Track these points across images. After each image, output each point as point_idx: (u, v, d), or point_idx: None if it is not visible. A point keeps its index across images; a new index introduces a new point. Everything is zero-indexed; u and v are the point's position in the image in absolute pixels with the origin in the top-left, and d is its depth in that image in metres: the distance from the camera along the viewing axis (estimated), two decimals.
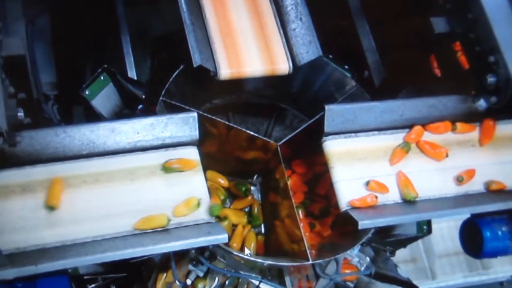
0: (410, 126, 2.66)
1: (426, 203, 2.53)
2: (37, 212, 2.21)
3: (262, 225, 3.22)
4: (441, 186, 2.59)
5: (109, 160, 2.38)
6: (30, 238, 2.14)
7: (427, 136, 2.67)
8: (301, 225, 2.67)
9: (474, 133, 2.72)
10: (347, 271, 3.02)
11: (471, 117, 2.71)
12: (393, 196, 2.53)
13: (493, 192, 2.59)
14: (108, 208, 2.27)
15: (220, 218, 2.94)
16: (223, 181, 3.18)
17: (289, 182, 2.90)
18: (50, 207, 2.20)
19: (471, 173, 2.60)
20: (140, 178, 2.37)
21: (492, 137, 2.70)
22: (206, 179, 2.44)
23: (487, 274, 5.66)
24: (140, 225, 2.25)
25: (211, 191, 2.44)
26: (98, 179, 2.33)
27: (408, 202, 2.51)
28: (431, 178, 2.60)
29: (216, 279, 2.85)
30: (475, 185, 2.60)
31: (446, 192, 2.57)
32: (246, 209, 3.24)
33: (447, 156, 2.62)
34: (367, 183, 2.50)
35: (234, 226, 3.14)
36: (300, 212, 3.13)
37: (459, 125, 2.68)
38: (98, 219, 2.24)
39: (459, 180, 2.57)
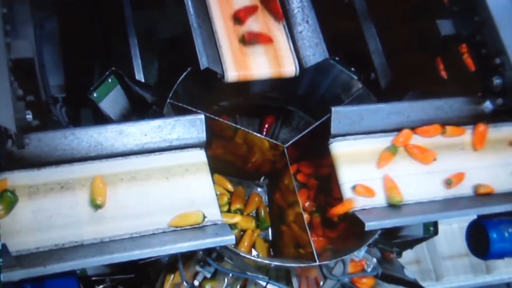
0: (416, 128, 2.67)
1: (433, 204, 2.53)
2: (75, 209, 2.23)
3: (269, 229, 3.23)
4: (429, 190, 2.58)
5: (146, 159, 2.41)
6: (69, 235, 2.16)
7: (417, 140, 2.68)
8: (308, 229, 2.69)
9: (464, 136, 2.71)
10: (354, 272, 3.02)
11: (478, 119, 2.71)
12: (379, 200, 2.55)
13: (482, 195, 2.59)
14: (144, 206, 2.30)
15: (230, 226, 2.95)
16: (230, 186, 3.20)
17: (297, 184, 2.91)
18: (97, 206, 2.23)
19: (460, 177, 2.59)
20: (175, 176, 2.40)
21: (485, 141, 2.70)
22: (214, 182, 2.46)
23: (491, 276, 5.65)
24: (175, 223, 2.27)
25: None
26: (134, 177, 2.35)
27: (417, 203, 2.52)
28: (419, 181, 2.60)
29: (225, 280, 2.86)
30: (464, 189, 2.59)
31: (434, 196, 2.56)
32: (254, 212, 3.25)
33: (434, 159, 2.62)
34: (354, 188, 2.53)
35: (243, 231, 3.15)
36: (315, 217, 3.14)
37: (448, 128, 2.68)
38: (134, 216, 2.26)
39: (448, 183, 2.56)
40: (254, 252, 3.10)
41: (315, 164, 3.20)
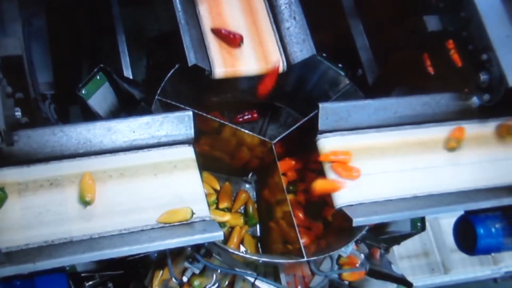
0: (403, 124, 2.68)
1: (420, 200, 2.54)
2: (65, 206, 2.24)
3: (258, 225, 3.24)
4: None
5: (134, 155, 2.42)
6: (58, 232, 2.17)
7: None
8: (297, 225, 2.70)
9: None
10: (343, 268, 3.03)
11: (464, 115, 2.73)
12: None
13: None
14: (133, 202, 2.31)
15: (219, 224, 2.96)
16: (217, 185, 3.22)
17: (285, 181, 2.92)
18: (86, 203, 2.24)
19: None
20: (164, 173, 2.40)
21: None
22: (202, 179, 2.47)
23: (498, 267, 5.64)
24: (164, 219, 2.28)
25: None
26: (123, 173, 2.36)
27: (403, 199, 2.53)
28: None
29: (214, 276, 2.86)
30: None
31: None
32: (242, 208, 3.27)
33: None
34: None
35: (231, 227, 3.16)
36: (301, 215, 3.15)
37: None
38: (123, 213, 2.27)
39: None
40: (242, 248, 3.11)
41: (304, 159, 3.20)
